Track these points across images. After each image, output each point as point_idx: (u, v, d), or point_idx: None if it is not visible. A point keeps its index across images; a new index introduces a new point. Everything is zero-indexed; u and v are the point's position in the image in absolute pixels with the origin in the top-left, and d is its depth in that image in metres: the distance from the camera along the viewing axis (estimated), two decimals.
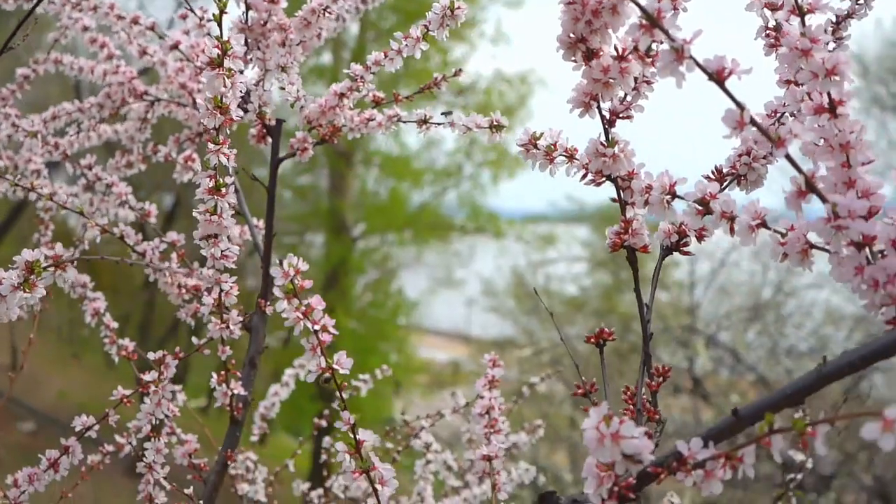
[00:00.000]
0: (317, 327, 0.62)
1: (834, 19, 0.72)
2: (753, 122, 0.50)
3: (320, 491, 1.37)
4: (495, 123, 0.85)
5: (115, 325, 1.11)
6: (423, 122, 0.95)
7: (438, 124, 0.94)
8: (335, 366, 0.63)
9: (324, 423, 1.48)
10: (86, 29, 1.19)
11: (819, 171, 0.56)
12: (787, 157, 0.51)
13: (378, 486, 0.64)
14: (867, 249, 0.51)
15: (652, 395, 0.63)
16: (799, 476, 1.15)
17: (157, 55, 1.14)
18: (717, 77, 0.50)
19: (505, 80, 10.20)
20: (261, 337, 1.01)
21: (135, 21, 1.10)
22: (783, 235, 0.55)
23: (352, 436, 0.65)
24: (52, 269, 0.67)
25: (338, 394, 0.63)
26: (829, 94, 0.53)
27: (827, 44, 0.71)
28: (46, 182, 1.22)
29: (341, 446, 0.64)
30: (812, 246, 0.54)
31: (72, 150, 1.16)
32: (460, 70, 1.01)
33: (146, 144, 1.22)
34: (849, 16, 0.71)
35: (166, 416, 0.96)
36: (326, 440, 1.38)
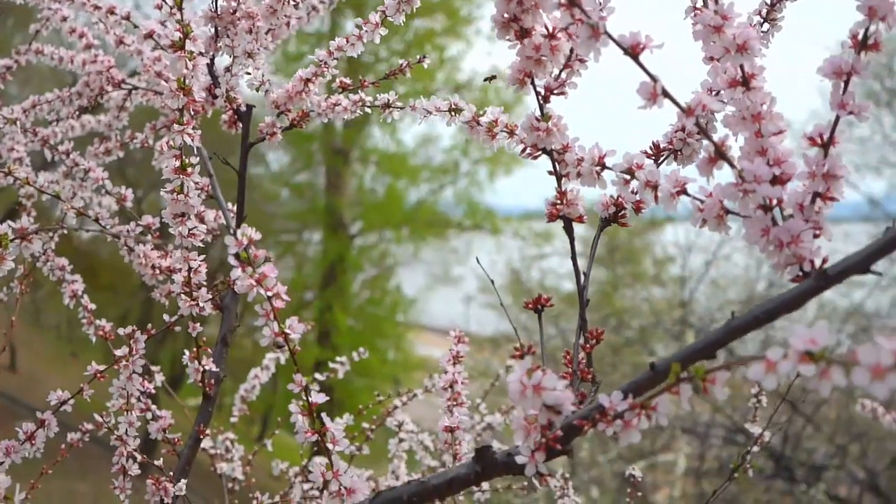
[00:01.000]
0: (270, 293, 0.65)
1: (768, 1, 0.75)
2: (666, 94, 0.54)
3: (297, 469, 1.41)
4: (453, 107, 0.88)
5: (92, 306, 1.14)
6: (387, 105, 0.98)
7: (400, 108, 0.98)
8: (287, 331, 0.66)
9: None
10: (65, 19, 1.22)
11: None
12: (697, 125, 0.54)
13: (329, 446, 0.68)
14: (775, 212, 0.55)
15: (587, 356, 0.66)
16: (755, 448, 1.18)
17: (134, 45, 1.18)
18: (632, 51, 0.54)
19: (504, 78, 10.22)
20: (233, 315, 1.05)
21: (111, 11, 1.13)
22: (702, 202, 0.59)
23: (305, 398, 0.68)
24: (18, 241, 0.70)
25: (291, 357, 0.66)
26: (741, 68, 0.57)
27: (761, 24, 0.75)
28: (28, 169, 1.25)
29: (294, 408, 0.68)
30: (728, 211, 0.57)
31: (55, 140, 1.20)
32: (424, 57, 1.04)
33: (124, 132, 1.26)
34: None
35: (141, 392, 1.00)
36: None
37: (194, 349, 0.99)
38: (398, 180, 11.89)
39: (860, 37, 0.54)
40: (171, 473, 0.96)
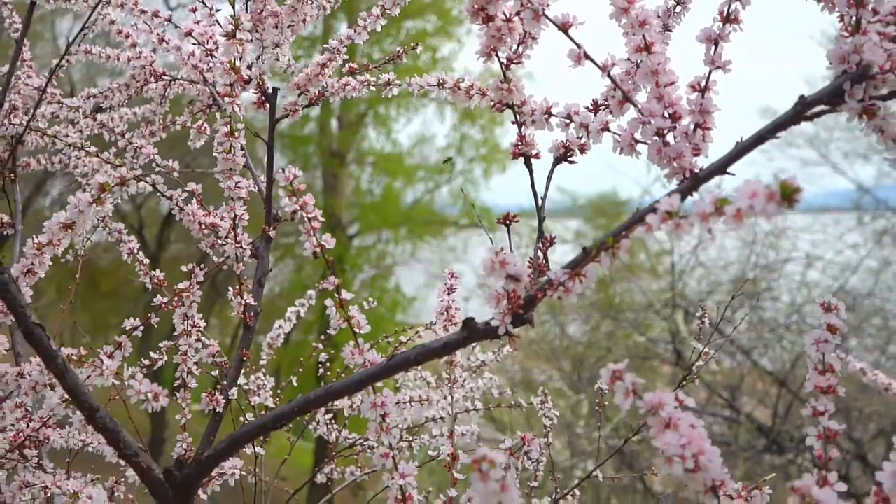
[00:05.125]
0: (310, 215, 0.88)
1: None
2: (587, 57, 0.77)
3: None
4: (441, 81, 1.11)
5: (146, 261, 1.37)
6: (388, 83, 1.21)
7: (398, 85, 1.21)
8: (323, 242, 0.89)
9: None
10: (112, 22, 1.45)
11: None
12: (609, 77, 0.77)
13: (356, 330, 0.91)
14: (667, 137, 0.78)
15: (544, 255, 0.89)
16: (701, 363, 1.41)
17: (173, 42, 1.40)
18: (563, 27, 0.77)
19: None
20: (266, 262, 1.27)
21: (155, 14, 1.36)
22: (619, 136, 0.81)
23: (337, 297, 0.91)
24: (118, 186, 0.93)
25: (324, 261, 0.89)
26: (644, 38, 0.80)
27: (674, 6, 0.98)
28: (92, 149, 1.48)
29: (329, 302, 0.91)
30: (636, 141, 0.80)
31: (112, 125, 1.43)
32: (417, 44, 1.27)
33: (165, 117, 1.48)
34: None
35: (192, 325, 1.22)
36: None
37: (237, 286, 1.22)
38: (394, 180, 12.12)
39: (725, 13, 0.78)
40: (223, 385, 1.18)
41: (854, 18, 0.69)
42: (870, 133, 0.73)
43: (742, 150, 0.72)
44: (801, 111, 0.70)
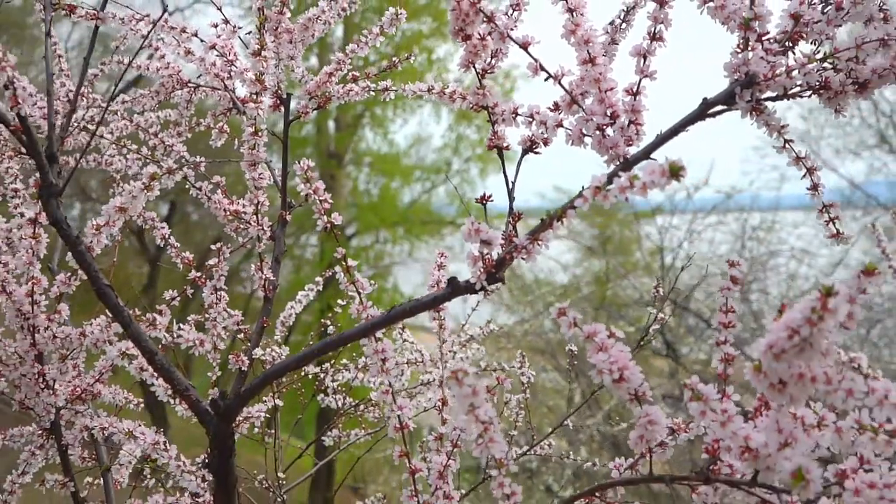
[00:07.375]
0: (321, 198, 1.09)
1: (625, 8, 1.18)
2: (542, 68, 0.98)
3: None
4: (430, 87, 1.32)
5: (177, 245, 1.57)
6: (386, 89, 1.42)
7: (394, 90, 1.41)
8: (332, 220, 1.10)
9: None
10: (144, 37, 1.65)
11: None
12: (560, 84, 0.98)
13: (360, 291, 1.11)
14: (607, 132, 0.99)
15: (514, 227, 1.10)
16: (657, 326, 1.61)
17: (198, 53, 1.61)
18: (523, 46, 0.97)
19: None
20: (282, 242, 1.48)
21: (183, 30, 1.57)
22: (570, 131, 1.02)
23: (345, 263, 1.12)
24: (167, 174, 1.13)
25: (335, 239, 1.10)
26: (588, 52, 1.00)
27: (621, 25, 1.18)
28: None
29: (338, 268, 1.11)
30: (584, 134, 1.01)
31: (146, 125, 1.64)
32: (410, 54, 1.48)
33: (191, 119, 1.69)
34: (635, 5, 1.18)
35: (219, 297, 1.43)
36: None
37: (258, 263, 1.43)
38: (392, 181, 12.32)
39: (652, 32, 0.98)
40: (249, 344, 1.39)
41: (743, 38, 0.90)
42: (762, 127, 0.94)
43: (660, 141, 0.93)
44: (705, 110, 0.91)
